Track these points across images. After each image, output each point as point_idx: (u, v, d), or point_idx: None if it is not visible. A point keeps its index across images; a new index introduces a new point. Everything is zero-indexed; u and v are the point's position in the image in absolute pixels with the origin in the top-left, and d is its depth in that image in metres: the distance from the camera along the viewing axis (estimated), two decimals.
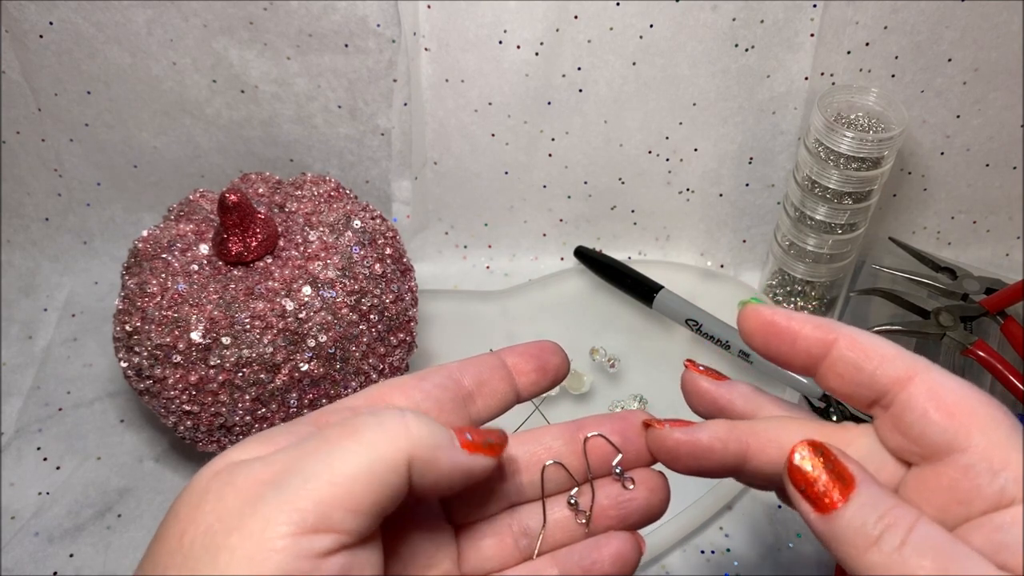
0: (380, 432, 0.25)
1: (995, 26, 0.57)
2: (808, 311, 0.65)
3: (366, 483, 0.24)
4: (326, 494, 0.23)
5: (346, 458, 0.24)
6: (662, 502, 0.31)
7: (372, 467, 0.24)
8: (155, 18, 0.58)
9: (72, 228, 0.68)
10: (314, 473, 0.24)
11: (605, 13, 0.57)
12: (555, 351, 0.32)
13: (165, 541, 0.24)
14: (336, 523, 0.24)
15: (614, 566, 0.29)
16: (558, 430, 0.31)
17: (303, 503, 0.23)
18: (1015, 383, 0.54)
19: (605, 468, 0.31)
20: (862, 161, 0.55)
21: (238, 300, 0.49)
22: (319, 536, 0.23)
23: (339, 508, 0.24)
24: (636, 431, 0.31)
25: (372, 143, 0.64)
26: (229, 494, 0.24)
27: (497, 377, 0.31)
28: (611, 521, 0.30)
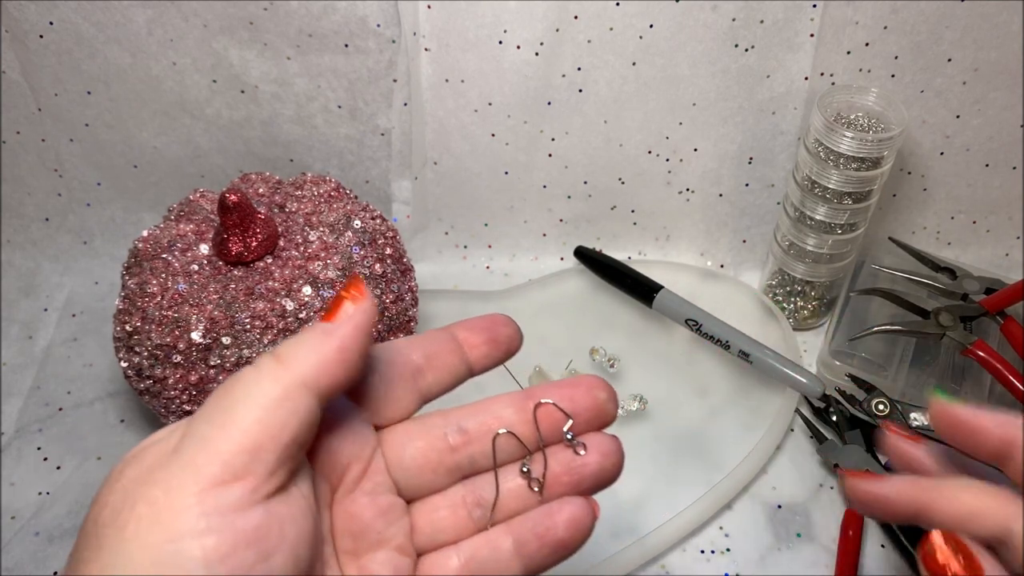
0: (255, 373, 0.25)
1: (995, 26, 0.57)
2: (808, 311, 0.65)
3: (258, 422, 0.24)
4: (222, 445, 0.24)
5: (233, 408, 0.24)
6: (615, 466, 0.31)
7: (260, 405, 0.24)
8: (155, 18, 0.58)
9: (72, 228, 0.68)
10: (207, 431, 0.24)
11: (605, 13, 0.57)
12: (506, 323, 0.32)
13: (83, 529, 0.25)
14: (241, 469, 0.24)
15: (568, 531, 0.29)
16: (508, 399, 0.31)
17: (203, 460, 0.23)
18: (1015, 383, 0.54)
19: (557, 435, 0.31)
20: (862, 161, 0.55)
21: (238, 300, 0.49)
22: (228, 488, 0.23)
23: (239, 453, 0.24)
24: (586, 396, 0.31)
25: (372, 143, 0.64)
26: (133, 471, 0.24)
27: (447, 350, 0.31)
28: (565, 487, 0.30)
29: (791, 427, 0.58)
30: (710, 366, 0.61)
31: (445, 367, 0.31)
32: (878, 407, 0.55)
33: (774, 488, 0.55)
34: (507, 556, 0.29)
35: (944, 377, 0.58)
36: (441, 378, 0.31)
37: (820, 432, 0.56)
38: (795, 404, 0.58)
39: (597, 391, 0.31)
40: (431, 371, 0.31)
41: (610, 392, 0.31)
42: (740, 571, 0.51)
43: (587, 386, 0.31)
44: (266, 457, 0.24)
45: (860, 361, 0.59)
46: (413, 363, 0.30)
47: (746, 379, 0.60)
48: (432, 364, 0.31)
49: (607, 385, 0.31)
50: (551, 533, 0.29)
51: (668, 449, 0.56)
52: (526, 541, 0.29)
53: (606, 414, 0.31)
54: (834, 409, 0.57)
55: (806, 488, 0.55)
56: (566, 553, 0.30)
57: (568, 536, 0.29)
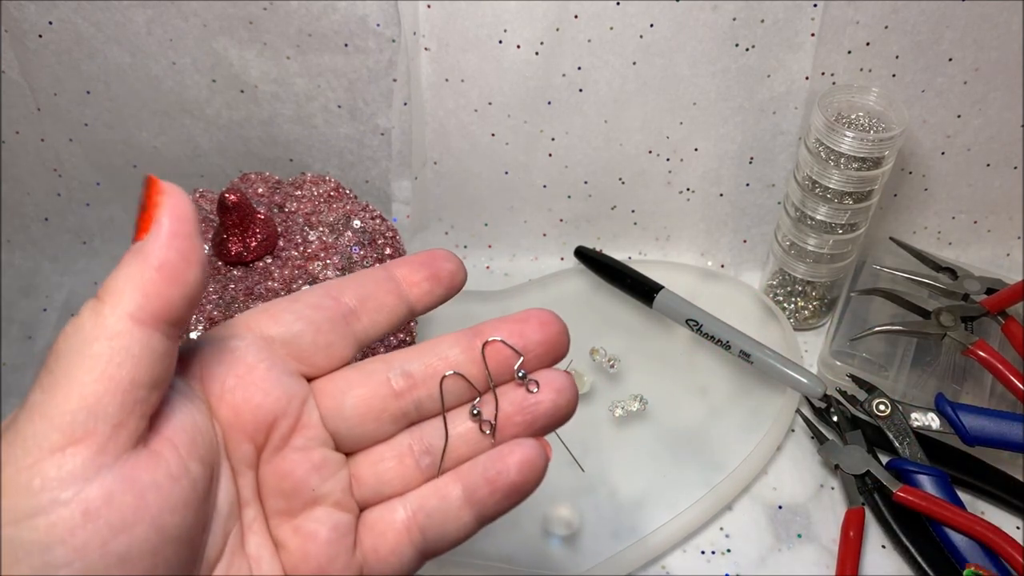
0: (76, 321, 0.23)
1: (996, 26, 0.57)
2: (809, 311, 0.65)
3: (88, 372, 0.22)
4: (53, 408, 0.21)
5: (59, 365, 0.22)
6: (569, 402, 0.29)
7: (87, 354, 0.22)
8: (155, 18, 0.58)
9: (72, 228, 0.68)
10: (38, 397, 0.21)
11: (605, 13, 0.57)
12: (447, 257, 0.30)
13: None
14: (80, 429, 0.21)
15: (521, 474, 0.27)
16: (454, 338, 0.29)
17: (33, 427, 0.21)
18: (1015, 383, 0.54)
19: (508, 374, 0.29)
20: (863, 161, 0.55)
21: (238, 300, 0.49)
22: (67, 454, 0.21)
23: (74, 412, 0.21)
24: (537, 330, 0.29)
25: (372, 143, 0.64)
26: None
27: (383, 290, 0.29)
28: (518, 428, 0.29)
29: (792, 427, 0.58)
30: (710, 366, 0.61)
31: (382, 308, 0.29)
32: (879, 407, 0.55)
33: (775, 489, 0.55)
34: (457, 504, 0.28)
35: (945, 377, 0.58)
36: (378, 320, 0.29)
37: (821, 432, 0.56)
38: (796, 404, 0.58)
39: (548, 324, 0.29)
40: (366, 313, 0.29)
41: (561, 325, 0.30)
42: (741, 572, 0.51)
43: (537, 320, 0.29)
44: (106, 410, 0.21)
45: (861, 361, 0.59)
46: (344, 305, 0.28)
47: (746, 379, 0.60)
48: (367, 306, 0.29)
49: (557, 318, 0.30)
50: (502, 477, 0.27)
51: (668, 449, 0.56)
52: (476, 487, 0.28)
53: (559, 348, 0.29)
54: (835, 409, 0.57)
55: (807, 489, 0.55)
56: (519, 497, 0.28)
57: (521, 479, 0.27)
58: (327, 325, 0.28)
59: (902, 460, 0.53)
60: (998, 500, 0.54)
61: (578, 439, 0.57)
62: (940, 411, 0.54)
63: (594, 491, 0.54)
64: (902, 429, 0.54)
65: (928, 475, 0.52)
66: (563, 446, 0.32)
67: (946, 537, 0.50)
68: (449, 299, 0.31)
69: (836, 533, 0.52)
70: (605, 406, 0.58)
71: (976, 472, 0.54)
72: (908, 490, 0.51)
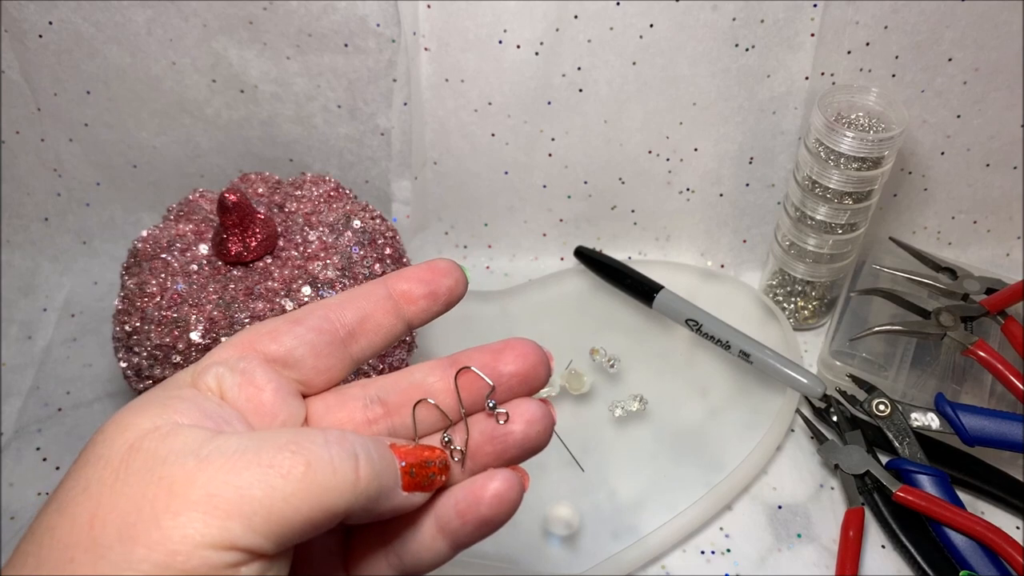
0: (329, 478, 0.23)
1: (995, 26, 0.57)
2: (808, 311, 0.65)
3: (301, 526, 0.23)
4: (259, 523, 0.22)
5: (288, 495, 0.23)
6: (540, 434, 0.29)
7: (311, 514, 0.23)
8: (155, 18, 0.58)
9: (72, 228, 0.68)
10: (252, 497, 0.22)
11: (605, 13, 0.57)
12: (448, 271, 0.30)
13: (70, 518, 0.23)
14: (259, 547, 0.23)
15: (492, 508, 0.27)
16: (431, 366, 0.29)
17: (233, 524, 0.22)
18: (1015, 383, 0.54)
19: (482, 404, 0.29)
20: (862, 161, 0.55)
21: (238, 300, 0.49)
22: (239, 553, 0.22)
23: (267, 539, 0.23)
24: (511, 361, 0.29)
25: (372, 143, 0.64)
26: (153, 483, 0.23)
27: (381, 310, 0.29)
28: (488, 458, 0.28)
29: (791, 427, 0.58)
30: (710, 366, 0.61)
31: (380, 328, 0.29)
32: (879, 407, 0.55)
33: (774, 488, 0.55)
34: (430, 535, 0.28)
35: (945, 377, 0.58)
36: (374, 341, 0.30)
37: (820, 432, 0.56)
38: (795, 404, 0.58)
39: (525, 355, 0.29)
40: (364, 335, 0.29)
41: (540, 355, 0.29)
42: (740, 572, 0.51)
43: (513, 351, 0.29)
44: (284, 545, 0.23)
45: (861, 361, 0.59)
46: (346, 327, 0.29)
47: (746, 379, 0.60)
48: (365, 327, 0.29)
49: (536, 347, 0.29)
50: (473, 510, 0.27)
51: (668, 449, 0.56)
52: (449, 519, 0.28)
53: (535, 378, 0.29)
54: (835, 409, 0.57)
55: (806, 488, 0.55)
56: (491, 529, 0.28)
57: (491, 513, 0.27)
58: (327, 349, 0.28)
59: (902, 460, 0.53)
60: (998, 500, 0.54)
61: (578, 439, 0.57)
62: (940, 411, 0.54)
63: (594, 491, 0.54)
64: (902, 429, 0.54)
65: (928, 475, 0.52)
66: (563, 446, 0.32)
67: (946, 537, 0.50)
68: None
69: (836, 533, 0.52)
70: (605, 406, 0.58)
71: (976, 472, 0.54)
72: (908, 490, 0.51)
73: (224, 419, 0.26)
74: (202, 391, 0.27)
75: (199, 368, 0.27)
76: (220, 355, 0.28)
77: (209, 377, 0.27)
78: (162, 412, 0.25)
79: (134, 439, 0.24)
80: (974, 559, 0.49)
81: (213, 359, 0.28)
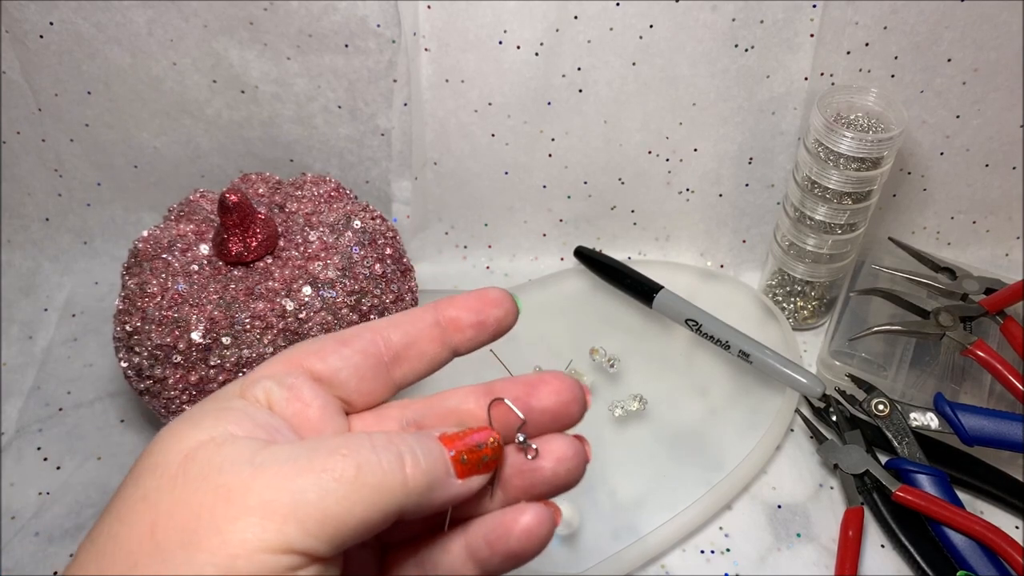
0: (380, 479, 0.24)
1: (995, 26, 0.57)
2: (808, 311, 0.65)
3: (355, 527, 0.24)
4: (314, 526, 0.23)
5: (341, 498, 0.24)
6: (570, 472, 0.29)
7: (365, 515, 0.24)
8: (155, 18, 0.58)
9: (72, 228, 0.68)
10: (307, 501, 0.23)
11: (605, 13, 0.57)
12: (498, 302, 0.30)
13: (130, 525, 0.24)
14: (314, 550, 0.23)
15: (520, 542, 0.27)
16: (468, 391, 0.30)
17: (290, 528, 0.23)
18: (1014, 383, 0.54)
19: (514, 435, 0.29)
20: (862, 161, 0.55)
21: (238, 300, 0.49)
22: (296, 557, 0.23)
23: (322, 541, 0.23)
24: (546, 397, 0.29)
25: (372, 143, 0.64)
26: (211, 491, 0.24)
27: (427, 338, 0.30)
28: (518, 491, 0.29)
29: (791, 427, 0.58)
30: (710, 366, 0.61)
31: (424, 355, 0.30)
32: (878, 407, 0.55)
33: (774, 488, 0.55)
34: (460, 561, 0.28)
35: (944, 377, 0.58)
36: (418, 368, 0.30)
37: (820, 432, 0.56)
38: (795, 404, 0.58)
39: (561, 391, 0.29)
40: (408, 361, 0.29)
41: (576, 391, 0.29)
42: (740, 571, 0.51)
43: (549, 386, 0.29)
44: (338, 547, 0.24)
45: (860, 361, 0.59)
46: (392, 350, 0.29)
47: (746, 379, 0.60)
48: (410, 353, 0.29)
49: (572, 384, 0.29)
50: (502, 542, 0.27)
51: (668, 449, 0.56)
52: (478, 548, 0.28)
53: (567, 416, 0.29)
54: (834, 409, 0.57)
55: (806, 488, 0.55)
56: (521, 561, 0.28)
57: (520, 547, 0.27)
58: (371, 373, 0.29)
59: (901, 460, 0.53)
60: (997, 500, 0.54)
61: None
62: (939, 411, 0.54)
63: (594, 491, 0.54)
64: (901, 429, 0.54)
65: (927, 475, 0.52)
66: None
67: (945, 537, 0.50)
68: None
69: (835, 532, 0.52)
70: (605, 406, 0.58)
71: (975, 472, 0.54)
72: (907, 490, 0.51)
73: (275, 428, 0.27)
74: (251, 403, 0.27)
75: (247, 381, 0.28)
76: (268, 370, 0.28)
77: (258, 390, 0.28)
78: (216, 423, 0.26)
79: (189, 449, 0.25)
80: (973, 559, 0.49)
81: (262, 373, 0.28)
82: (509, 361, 0.34)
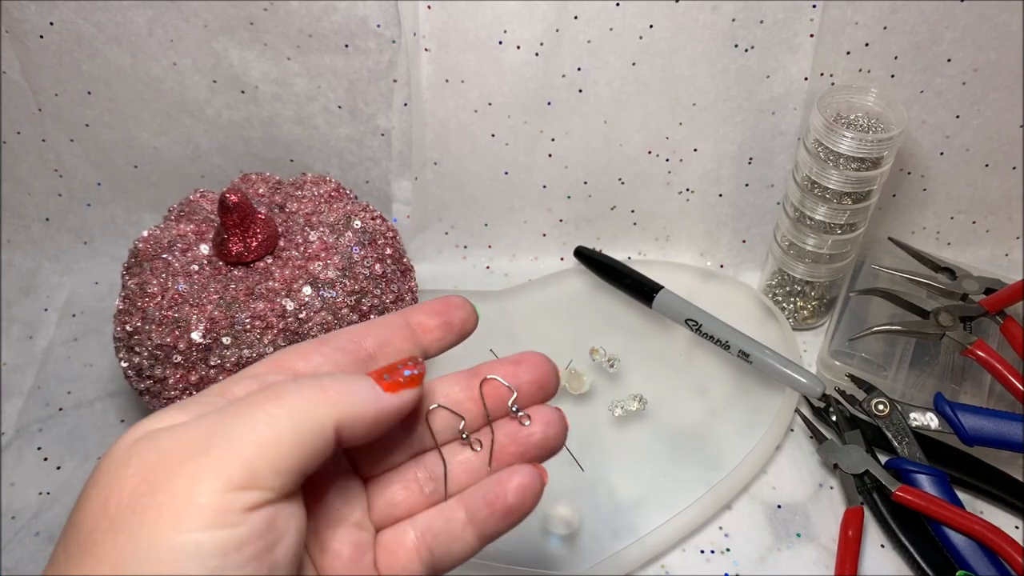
0: (300, 397, 0.26)
1: (995, 26, 0.57)
2: (808, 311, 0.65)
3: (290, 445, 0.25)
4: (250, 454, 0.24)
5: (270, 422, 0.25)
6: (558, 435, 0.32)
7: (296, 431, 0.25)
8: (155, 19, 0.58)
9: (72, 228, 0.68)
10: (238, 435, 0.25)
11: (605, 13, 0.57)
12: (460, 305, 0.33)
13: (88, 508, 0.25)
14: (261, 481, 0.25)
15: (516, 497, 0.30)
16: (454, 378, 0.33)
17: (229, 462, 0.24)
18: (1014, 383, 0.54)
19: (502, 410, 0.32)
20: (861, 161, 0.55)
21: (238, 300, 0.49)
22: (244, 493, 0.24)
23: (263, 467, 0.25)
24: (529, 371, 0.32)
25: (372, 143, 0.64)
26: (152, 457, 0.25)
27: (400, 337, 0.32)
28: (512, 458, 0.32)
29: (791, 427, 0.58)
30: (710, 366, 0.61)
31: (399, 354, 0.32)
32: (878, 407, 0.55)
33: (774, 488, 0.55)
34: (461, 525, 0.31)
35: (944, 377, 0.58)
36: None
37: (820, 432, 0.56)
38: (795, 404, 0.58)
39: (540, 365, 0.33)
40: (384, 359, 0.31)
41: (551, 366, 0.33)
42: (740, 571, 0.51)
43: (530, 362, 0.33)
44: (283, 475, 0.25)
45: (860, 361, 0.59)
46: (366, 350, 0.31)
47: (746, 379, 0.60)
48: (385, 351, 0.31)
49: (548, 360, 0.33)
50: (500, 500, 0.30)
51: (668, 449, 0.56)
52: (477, 509, 0.30)
53: (549, 386, 0.33)
54: (834, 409, 0.57)
55: (806, 488, 0.55)
56: (516, 518, 0.31)
57: (517, 501, 0.30)
58: (350, 368, 0.30)
59: (901, 460, 0.53)
60: (997, 500, 0.54)
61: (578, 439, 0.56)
62: (939, 411, 0.54)
63: (594, 490, 0.54)
64: (901, 429, 0.54)
65: (927, 475, 0.52)
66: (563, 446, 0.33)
67: (945, 536, 0.50)
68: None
69: (835, 532, 0.52)
70: (605, 406, 0.58)
71: (975, 472, 0.54)
72: (907, 489, 0.51)
73: None
74: (226, 397, 0.28)
75: (228, 380, 0.29)
76: (252, 371, 0.30)
77: (237, 388, 0.29)
78: (176, 415, 0.27)
79: (140, 434, 0.26)
80: (973, 559, 0.49)
81: (245, 373, 0.30)
82: None
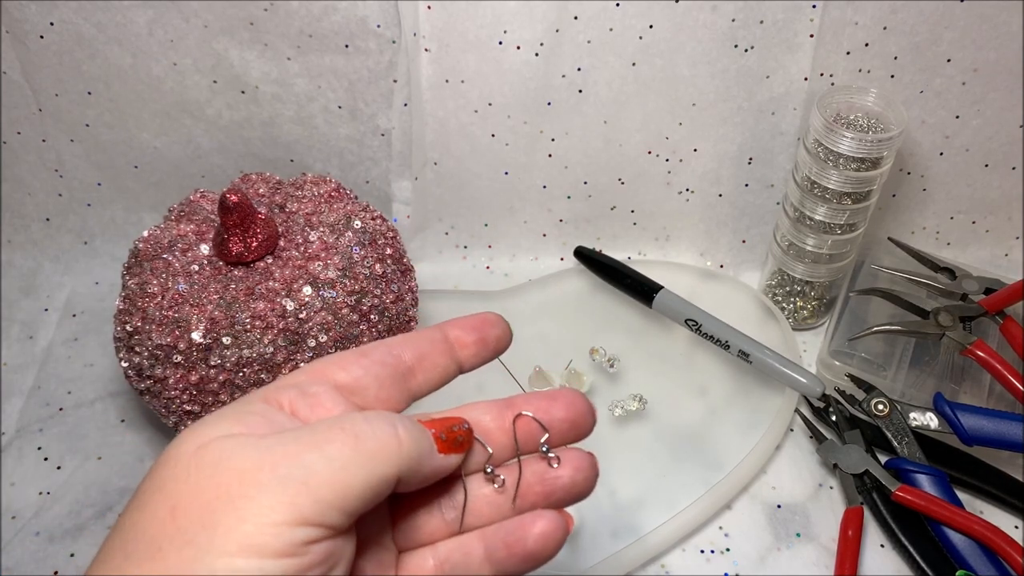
0: (378, 444, 0.27)
1: (995, 26, 0.57)
2: (807, 311, 0.65)
3: (360, 491, 0.26)
4: (324, 494, 0.25)
5: (347, 466, 0.26)
6: (587, 480, 0.32)
7: (368, 479, 0.26)
8: (156, 19, 0.58)
9: (73, 228, 0.68)
10: (315, 472, 0.25)
11: (605, 14, 0.57)
12: (496, 323, 0.33)
13: (151, 512, 0.25)
14: (327, 520, 0.25)
15: (537, 544, 0.30)
16: (486, 406, 0.32)
17: (302, 500, 0.25)
18: (1014, 383, 0.54)
19: (532, 445, 0.32)
20: (861, 161, 0.55)
21: (239, 300, 0.49)
22: (312, 529, 0.25)
23: (333, 509, 0.25)
24: (563, 409, 0.31)
25: (372, 143, 0.64)
26: (224, 473, 0.25)
27: (438, 351, 0.32)
28: (537, 498, 0.31)
29: (791, 427, 0.58)
30: (710, 366, 0.61)
31: (436, 367, 0.32)
32: (877, 407, 0.55)
33: (774, 488, 0.55)
34: (478, 562, 0.30)
35: (944, 377, 0.58)
36: (431, 378, 0.32)
37: (819, 432, 0.56)
38: (795, 404, 0.58)
39: (574, 404, 0.32)
40: (422, 372, 0.32)
41: (587, 405, 0.32)
42: (740, 571, 0.51)
43: (566, 400, 0.32)
44: (349, 517, 0.26)
45: (860, 361, 0.60)
46: (405, 363, 0.31)
47: (746, 379, 0.60)
48: (423, 365, 0.32)
49: (584, 399, 0.32)
50: (520, 544, 0.30)
51: (668, 449, 0.56)
52: (496, 549, 0.30)
53: (582, 428, 0.32)
54: (834, 409, 0.57)
55: (806, 488, 0.55)
56: (535, 564, 0.30)
57: (537, 548, 0.30)
58: (389, 381, 0.31)
59: (901, 459, 0.53)
60: (996, 500, 0.54)
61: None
62: (938, 411, 0.54)
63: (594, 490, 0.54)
64: (901, 429, 0.54)
65: (927, 474, 0.52)
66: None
67: (945, 536, 0.50)
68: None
69: (835, 532, 0.52)
70: (605, 406, 0.58)
71: (974, 472, 0.54)
72: (907, 489, 0.51)
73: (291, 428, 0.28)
74: (273, 407, 0.29)
75: (271, 388, 0.30)
76: (293, 379, 0.30)
77: (282, 397, 0.29)
78: (234, 424, 0.27)
79: (201, 443, 0.26)
80: (973, 558, 0.49)
81: (286, 382, 0.30)
82: (509, 361, 0.35)
